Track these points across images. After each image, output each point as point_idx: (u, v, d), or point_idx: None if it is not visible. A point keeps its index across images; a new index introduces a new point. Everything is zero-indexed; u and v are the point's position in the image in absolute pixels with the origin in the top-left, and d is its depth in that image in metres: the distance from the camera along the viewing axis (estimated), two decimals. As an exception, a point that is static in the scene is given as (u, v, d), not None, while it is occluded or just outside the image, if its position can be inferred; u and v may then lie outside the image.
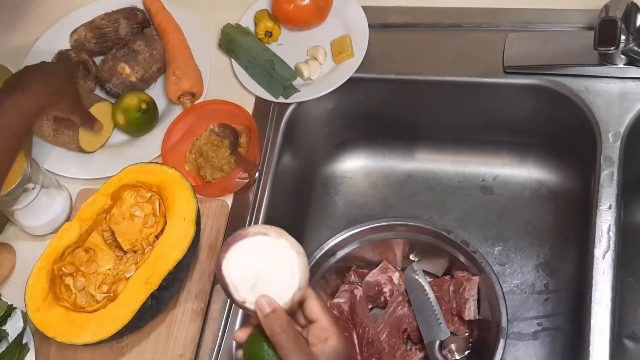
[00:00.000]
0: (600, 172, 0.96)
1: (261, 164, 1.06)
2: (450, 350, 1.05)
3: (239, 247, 0.74)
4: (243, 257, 0.74)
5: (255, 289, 0.73)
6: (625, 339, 1.05)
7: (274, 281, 0.73)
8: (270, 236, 0.74)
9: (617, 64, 1.00)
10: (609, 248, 0.92)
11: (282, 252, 0.74)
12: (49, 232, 1.05)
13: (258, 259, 0.73)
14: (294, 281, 0.73)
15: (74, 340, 0.89)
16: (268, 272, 0.73)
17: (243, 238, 0.74)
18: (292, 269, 0.73)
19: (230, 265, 0.74)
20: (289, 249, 0.74)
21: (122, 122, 1.09)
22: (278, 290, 0.73)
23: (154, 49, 1.13)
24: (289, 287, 0.73)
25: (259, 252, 0.74)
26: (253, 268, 0.73)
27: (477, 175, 1.21)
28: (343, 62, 1.10)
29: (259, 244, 0.74)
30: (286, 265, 0.73)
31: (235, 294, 0.73)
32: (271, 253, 0.74)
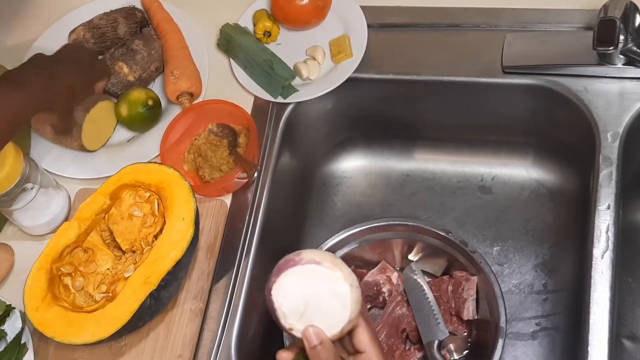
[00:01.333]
0: (599, 172, 0.96)
1: (260, 164, 1.06)
2: (449, 350, 1.05)
3: (290, 273, 0.72)
4: (294, 284, 0.72)
5: (304, 317, 0.72)
6: (624, 339, 1.05)
7: (324, 312, 0.72)
8: (324, 266, 0.72)
9: (615, 64, 1.00)
10: (608, 248, 0.92)
11: (335, 284, 0.72)
12: (47, 232, 1.05)
13: (309, 288, 0.72)
14: (344, 314, 0.72)
15: (73, 340, 0.88)
16: (318, 302, 0.72)
17: (295, 265, 0.72)
18: (344, 302, 0.72)
19: (280, 291, 0.72)
20: (342, 282, 0.72)
21: (125, 114, 1.09)
22: (327, 321, 0.72)
23: (152, 48, 1.13)
24: (338, 320, 0.72)
25: (311, 281, 0.72)
26: (303, 296, 0.72)
27: (476, 175, 1.21)
28: (342, 62, 1.10)
29: (312, 272, 0.72)
30: (338, 297, 0.72)
31: (283, 320, 0.72)
32: (324, 284, 0.72)
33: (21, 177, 0.96)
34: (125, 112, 1.09)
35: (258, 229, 1.02)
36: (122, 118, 1.10)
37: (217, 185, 1.04)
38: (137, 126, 1.10)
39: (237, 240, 1.01)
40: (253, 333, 1.00)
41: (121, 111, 1.09)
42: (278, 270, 0.73)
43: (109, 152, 1.10)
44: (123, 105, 1.09)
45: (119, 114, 1.10)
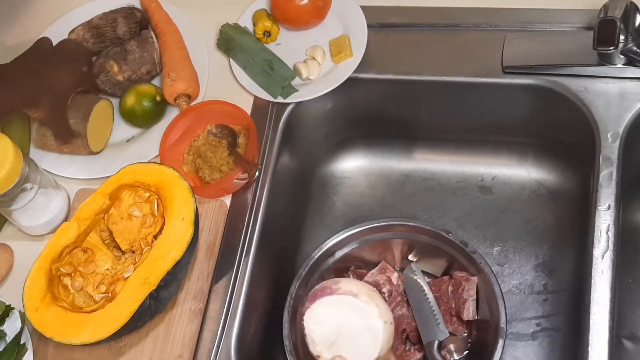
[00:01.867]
0: (599, 172, 0.96)
1: (260, 164, 1.06)
2: (449, 351, 1.05)
3: (326, 302, 0.72)
4: (328, 312, 0.72)
5: (333, 347, 0.72)
6: (624, 340, 1.05)
7: (355, 344, 0.72)
8: (360, 299, 0.72)
9: (616, 64, 1.00)
10: (608, 248, 0.92)
11: (369, 319, 0.72)
12: (46, 232, 1.04)
13: (343, 319, 0.72)
14: (374, 350, 0.72)
15: (72, 340, 0.88)
16: (350, 334, 0.72)
17: (332, 294, 0.72)
18: (375, 337, 0.72)
19: (313, 317, 0.72)
20: (377, 317, 0.72)
21: (130, 105, 1.09)
22: (356, 354, 0.72)
23: (145, 50, 1.13)
24: (367, 354, 0.72)
25: (346, 312, 0.72)
26: (336, 326, 0.72)
27: (475, 175, 1.21)
28: (342, 62, 1.10)
29: (348, 304, 0.72)
30: (370, 332, 0.72)
31: (311, 346, 0.72)
32: (358, 317, 0.72)
33: (20, 177, 0.95)
34: (132, 103, 1.09)
35: (258, 229, 1.02)
36: (126, 109, 1.10)
37: (217, 186, 1.04)
38: (139, 120, 1.10)
39: (236, 241, 1.01)
40: (253, 333, 1.00)
41: (127, 101, 1.09)
42: (313, 297, 0.72)
43: (108, 153, 1.10)
44: (131, 96, 1.09)
45: (124, 104, 1.10)
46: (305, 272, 1.03)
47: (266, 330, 1.03)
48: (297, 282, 1.03)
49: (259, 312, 1.02)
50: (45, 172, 1.04)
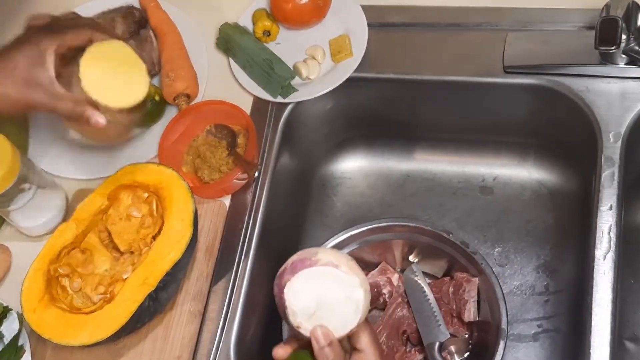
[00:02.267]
0: (601, 172, 0.96)
1: (259, 164, 1.06)
2: (449, 352, 1.05)
3: (306, 274, 0.72)
4: (308, 284, 0.71)
5: (313, 317, 0.72)
6: (626, 341, 1.05)
7: (335, 314, 0.72)
8: (341, 270, 0.72)
9: (617, 63, 1.00)
10: (610, 249, 0.91)
11: (350, 289, 0.72)
12: (45, 232, 1.04)
13: (324, 290, 0.71)
14: (355, 318, 0.72)
15: (71, 341, 0.88)
16: (330, 305, 0.71)
17: (312, 265, 0.72)
18: (356, 306, 0.72)
19: (293, 290, 0.72)
20: (358, 287, 0.72)
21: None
22: (336, 323, 0.72)
23: (143, 50, 1.12)
24: (348, 323, 0.72)
25: (327, 283, 0.72)
26: (316, 297, 0.71)
27: (476, 175, 1.21)
28: (342, 62, 1.09)
29: (328, 275, 0.72)
30: (351, 301, 0.72)
31: (292, 318, 0.72)
32: (339, 287, 0.72)
33: (18, 177, 0.95)
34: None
35: (257, 229, 1.02)
36: None
37: (216, 187, 1.03)
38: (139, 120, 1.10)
39: (236, 241, 1.01)
40: (252, 334, 1.00)
41: None
42: (293, 268, 0.72)
43: (106, 153, 1.10)
44: None
45: None
46: (305, 272, 1.03)
47: (266, 331, 1.03)
48: (297, 283, 1.02)
49: (258, 313, 1.02)
50: (43, 172, 1.04)
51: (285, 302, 0.72)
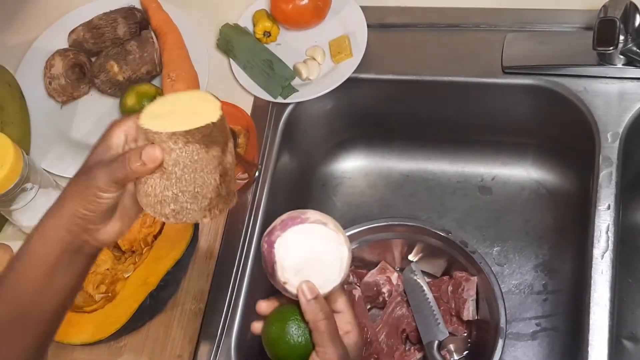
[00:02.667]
0: (599, 172, 0.96)
1: (260, 164, 1.06)
2: (449, 351, 1.05)
3: (297, 230, 0.73)
4: (298, 240, 0.73)
5: (300, 273, 0.73)
6: (624, 340, 1.05)
7: (321, 271, 0.73)
8: (329, 227, 0.74)
9: (615, 64, 1.00)
10: (608, 248, 0.92)
11: (336, 246, 0.73)
12: (47, 232, 1.04)
13: (312, 246, 0.73)
14: (339, 276, 0.74)
15: (72, 340, 0.89)
16: (318, 261, 0.73)
17: (302, 222, 0.73)
18: (341, 264, 0.74)
19: (284, 246, 0.73)
20: (343, 245, 0.74)
21: (131, 105, 1.09)
22: (321, 280, 0.73)
23: (145, 51, 1.13)
24: (331, 280, 0.74)
25: (315, 240, 0.73)
26: (304, 253, 0.73)
27: (475, 175, 1.21)
28: (341, 62, 1.10)
29: (317, 232, 0.73)
30: (337, 259, 0.74)
31: (279, 273, 0.73)
32: (326, 244, 0.73)
33: (21, 177, 0.95)
34: (132, 103, 1.09)
35: (257, 229, 1.02)
36: (126, 109, 1.10)
37: (216, 186, 1.03)
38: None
39: (236, 241, 1.01)
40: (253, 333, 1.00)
41: (127, 102, 1.09)
42: (284, 225, 0.74)
43: (108, 153, 1.10)
44: (131, 96, 1.09)
45: (124, 104, 1.10)
46: (305, 272, 1.04)
47: (266, 331, 1.03)
48: (297, 282, 1.03)
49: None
50: (45, 172, 1.04)
51: (275, 257, 0.73)
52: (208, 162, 0.69)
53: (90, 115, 1.15)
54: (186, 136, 0.67)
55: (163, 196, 0.69)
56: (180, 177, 0.68)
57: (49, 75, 1.13)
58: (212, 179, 0.70)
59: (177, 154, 0.67)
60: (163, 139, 0.67)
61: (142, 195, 0.70)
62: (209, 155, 0.69)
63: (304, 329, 0.73)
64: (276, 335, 0.75)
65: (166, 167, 0.68)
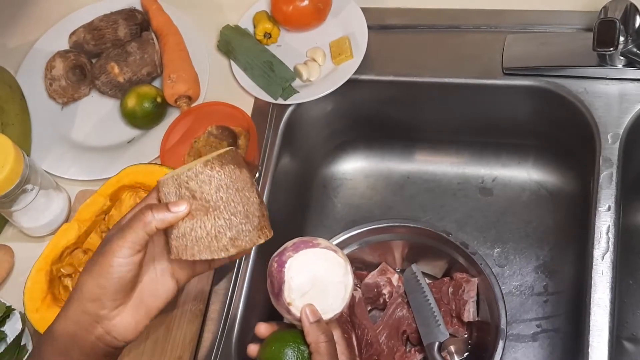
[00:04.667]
0: (600, 173, 0.96)
1: (260, 166, 1.06)
2: (449, 352, 1.05)
3: (308, 253, 0.75)
4: (308, 263, 0.74)
5: (305, 296, 0.74)
6: (624, 341, 1.05)
7: (325, 297, 0.75)
8: (338, 255, 0.75)
9: (616, 65, 1.00)
10: (608, 249, 0.92)
11: (343, 275, 0.75)
12: (47, 233, 1.05)
13: (320, 271, 0.74)
14: (341, 304, 0.76)
15: (72, 341, 0.88)
16: (324, 287, 0.75)
17: (314, 247, 0.75)
18: (345, 293, 0.75)
19: (295, 267, 0.74)
20: (350, 274, 0.75)
21: (131, 106, 1.09)
22: (324, 305, 0.75)
23: (145, 52, 1.13)
24: (334, 308, 0.76)
25: (324, 265, 0.75)
26: (312, 277, 0.74)
27: (476, 176, 1.21)
28: (342, 64, 1.10)
29: (327, 258, 0.75)
30: (341, 287, 0.75)
31: (286, 293, 0.74)
32: (334, 271, 0.75)
33: (21, 178, 0.95)
34: (132, 104, 1.09)
35: (258, 230, 1.02)
36: (127, 110, 1.10)
37: (217, 187, 1.03)
38: (140, 121, 1.10)
39: (237, 242, 1.01)
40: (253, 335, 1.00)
41: (128, 103, 1.10)
42: (296, 247, 0.75)
43: (108, 154, 1.11)
44: (131, 97, 1.09)
45: (125, 105, 1.10)
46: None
47: (266, 332, 1.03)
48: (298, 283, 1.03)
49: (259, 314, 1.02)
50: (46, 173, 1.04)
51: (284, 277, 0.74)
52: (246, 181, 0.71)
53: (91, 116, 1.16)
54: (220, 159, 0.69)
55: (216, 228, 0.69)
56: (227, 200, 0.69)
57: (50, 77, 1.14)
58: (254, 197, 0.72)
59: (218, 178, 0.69)
60: (199, 171, 0.68)
61: (189, 245, 0.69)
62: (243, 175, 0.71)
63: (303, 353, 0.74)
64: (274, 356, 0.75)
65: (209, 198, 0.69)
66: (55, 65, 1.13)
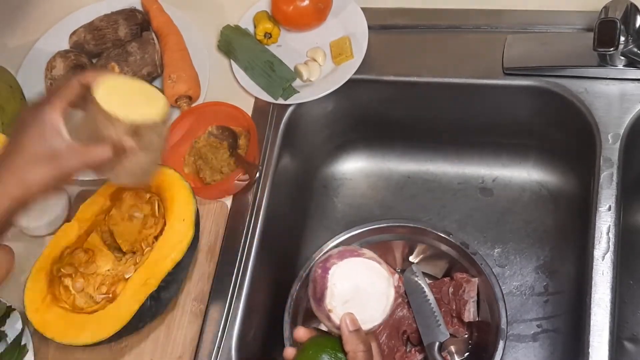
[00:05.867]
0: (600, 173, 0.96)
1: (260, 166, 1.06)
2: (449, 352, 1.05)
3: (353, 261, 0.75)
4: (352, 272, 0.75)
5: (346, 304, 0.75)
6: (625, 341, 1.05)
7: (367, 307, 0.76)
8: (383, 267, 0.75)
9: (616, 65, 1.00)
10: (609, 249, 0.92)
11: (385, 286, 0.76)
12: (47, 233, 1.05)
13: (363, 280, 0.75)
14: (381, 316, 0.76)
15: (73, 341, 0.89)
16: (366, 297, 0.75)
17: (360, 256, 0.76)
18: (386, 305, 0.76)
19: (339, 274, 0.75)
20: (392, 287, 0.76)
21: None
22: (364, 316, 0.75)
23: (146, 52, 1.13)
24: (374, 319, 0.76)
25: (368, 275, 0.75)
26: (354, 286, 0.75)
27: (476, 177, 1.21)
28: (342, 64, 1.10)
29: (371, 268, 0.76)
30: (383, 299, 0.76)
31: (328, 299, 0.74)
32: (377, 282, 0.76)
33: (22, 178, 0.95)
34: None
35: (258, 230, 1.02)
36: None
37: (218, 188, 1.04)
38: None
39: (237, 242, 1.01)
40: (253, 335, 1.00)
41: None
42: (341, 255, 0.76)
43: (109, 154, 1.10)
44: None
45: None
46: (306, 273, 1.04)
47: (267, 332, 1.04)
48: (298, 283, 1.03)
49: (259, 314, 1.02)
50: (46, 173, 1.04)
51: (327, 283, 0.74)
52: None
53: (91, 116, 1.15)
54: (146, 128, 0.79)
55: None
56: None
57: (50, 77, 1.13)
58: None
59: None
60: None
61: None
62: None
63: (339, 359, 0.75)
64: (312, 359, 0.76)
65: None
66: (55, 65, 1.13)
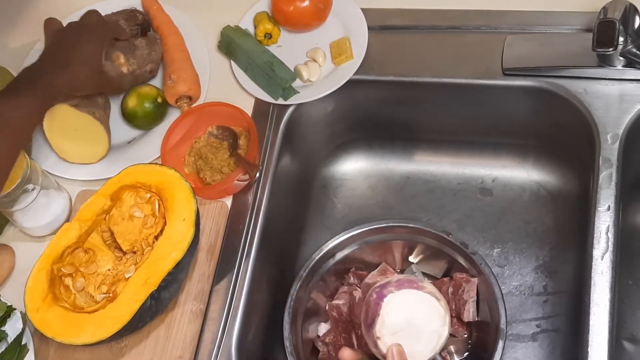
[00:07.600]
0: (599, 173, 0.96)
1: (260, 166, 1.06)
2: (449, 352, 1.05)
3: (411, 293, 0.74)
4: (407, 304, 0.74)
5: (396, 335, 0.73)
6: (624, 341, 1.05)
7: (416, 342, 0.74)
8: (441, 305, 0.74)
9: (615, 65, 1.00)
10: (608, 249, 0.92)
11: (440, 325, 0.74)
12: (48, 233, 1.05)
13: (419, 315, 0.74)
14: (430, 353, 0.75)
15: (73, 340, 0.89)
16: (417, 332, 0.74)
17: (418, 288, 0.74)
18: (437, 344, 0.74)
19: (394, 303, 0.73)
20: (446, 326, 0.74)
21: (132, 106, 1.09)
22: (412, 350, 0.74)
23: (153, 50, 1.13)
24: (422, 355, 0.75)
25: (424, 310, 0.74)
26: (408, 319, 0.73)
27: (476, 177, 1.21)
28: (342, 64, 1.10)
29: (428, 304, 0.74)
30: (435, 337, 0.74)
31: (378, 327, 0.73)
32: (433, 319, 0.74)
33: (22, 178, 0.96)
34: (133, 105, 1.09)
35: (258, 230, 1.02)
36: (127, 110, 1.10)
37: (218, 187, 1.04)
38: (140, 121, 1.10)
39: (237, 242, 1.01)
40: (253, 334, 1.00)
41: (128, 103, 1.10)
42: (399, 284, 0.74)
43: (109, 154, 1.11)
44: (132, 97, 1.10)
45: (126, 105, 1.10)
46: (306, 273, 1.04)
47: (267, 332, 1.04)
48: (298, 283, 1.03)
49: (259, 313, 1.02)
50: (47, 173, 1.04)
51: (380, 310, 0.73)
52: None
53: (92, 116, 1.16)
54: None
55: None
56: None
57: (51, 77, 1.13)
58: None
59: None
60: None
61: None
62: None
63: None
64: None
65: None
66: (56, 66, 1.13)
